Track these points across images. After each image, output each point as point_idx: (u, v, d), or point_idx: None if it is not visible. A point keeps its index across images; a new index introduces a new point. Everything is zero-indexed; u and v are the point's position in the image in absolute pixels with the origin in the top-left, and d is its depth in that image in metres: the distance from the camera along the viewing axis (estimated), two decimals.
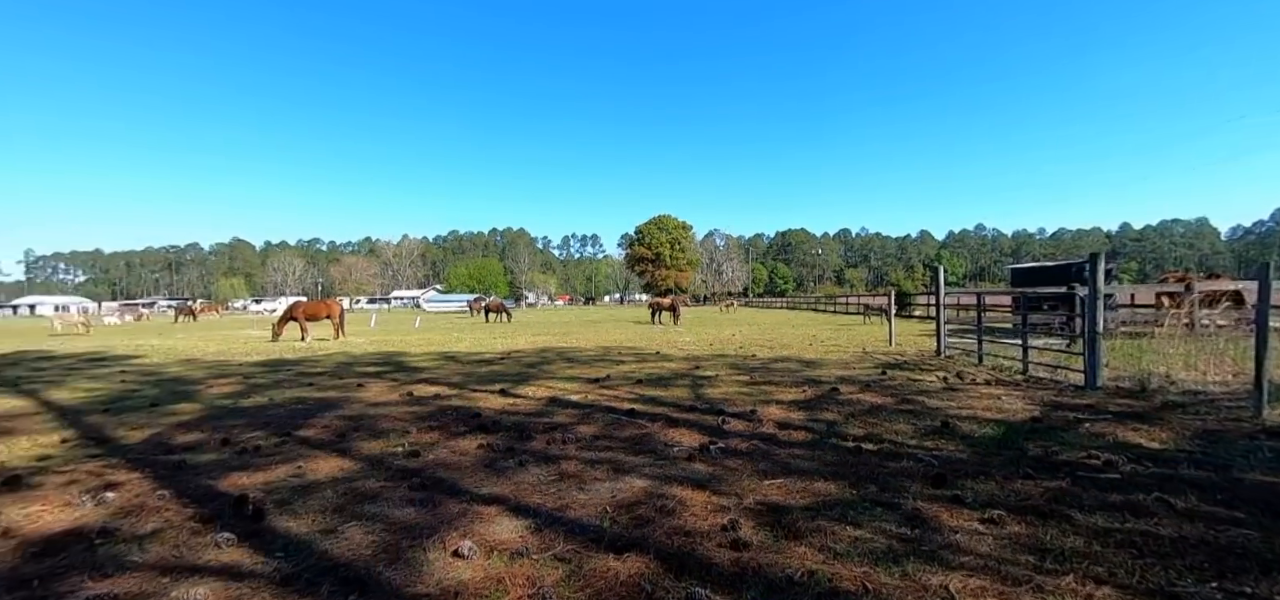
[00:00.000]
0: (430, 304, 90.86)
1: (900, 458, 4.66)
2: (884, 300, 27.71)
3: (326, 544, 3.15)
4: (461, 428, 5.94)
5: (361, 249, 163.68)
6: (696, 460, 4.68)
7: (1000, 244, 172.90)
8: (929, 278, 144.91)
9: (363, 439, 5.54)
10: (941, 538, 3.14)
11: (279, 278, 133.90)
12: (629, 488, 4.02)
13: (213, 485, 4.18)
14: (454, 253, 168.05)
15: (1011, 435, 5.33)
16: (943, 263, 26.58)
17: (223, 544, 3.13)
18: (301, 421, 6.36)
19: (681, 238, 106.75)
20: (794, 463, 4.58)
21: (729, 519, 3.38)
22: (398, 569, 2.86)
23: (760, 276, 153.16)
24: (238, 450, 5.16)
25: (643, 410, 6.68)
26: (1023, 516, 3.40)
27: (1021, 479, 4.07)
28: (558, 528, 3.34)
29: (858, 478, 4.17)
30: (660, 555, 2.97)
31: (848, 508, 3.59)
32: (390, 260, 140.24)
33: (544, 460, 4.72)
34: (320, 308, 20.98)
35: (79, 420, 6.69)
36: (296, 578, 2.76)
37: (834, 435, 5.45)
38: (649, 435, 5.54)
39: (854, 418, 6.19)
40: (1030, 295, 10.42)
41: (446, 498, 3.87)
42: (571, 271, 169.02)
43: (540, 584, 2.69)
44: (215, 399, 8.02)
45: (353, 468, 4.61)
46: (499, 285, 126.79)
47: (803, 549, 3.03)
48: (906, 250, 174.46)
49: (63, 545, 3.18)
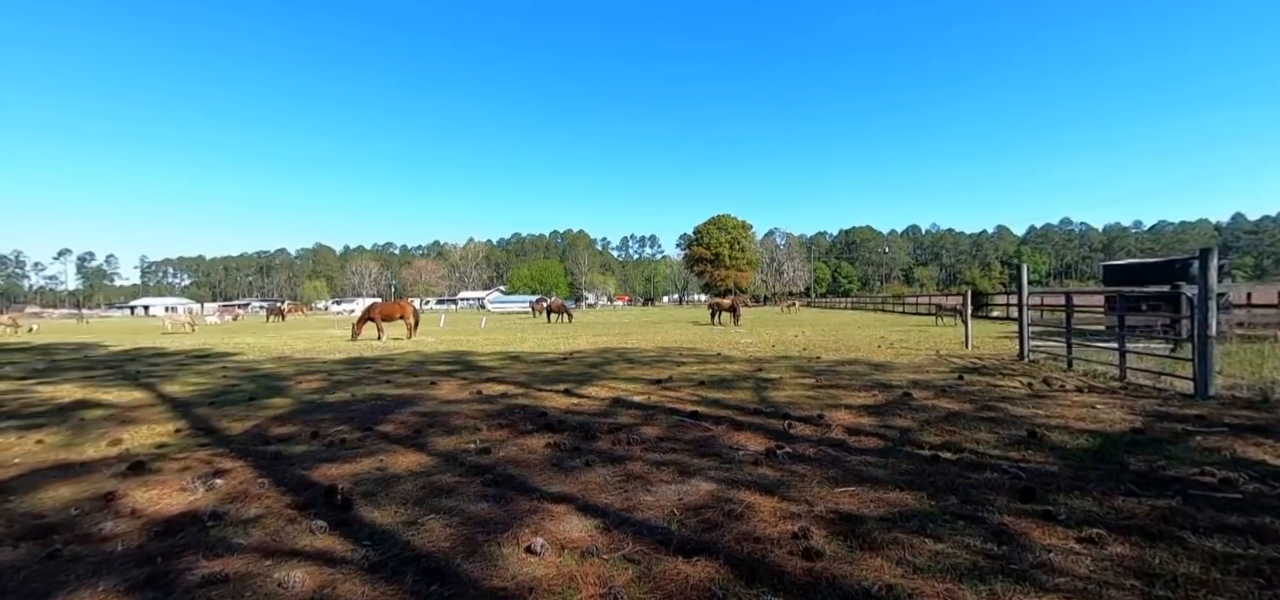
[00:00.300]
0: (494, 305, 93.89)
1: (982, 468, 4.40)
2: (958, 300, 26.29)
3: (408, 535, 3.31)
4: (529, 426, 6.10)
5: (430, 252, 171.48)
6: (763, 465, 4.60)
7: (1089, 239, 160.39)
8: (1008, 276, 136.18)
9: (437, 435, 5.79)
10: (1033, 556, 2.94)
11: (356, 280, 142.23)
12: (695, 490, 4.00)
13: (305, 475, 4.49)
14: (516, 254, 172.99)
15: (1109, 447, 4.92)
16: (1024, 260, 24.53)
17: (317, 531, 3.35)
18: (381, 417, 6.72)
19: (741, 237, 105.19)
20: (866, 470, 4.41)
21: (800, 526, 3.30)
22: (475, 562, 2.97)
23: (823, 276, 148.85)
24: (326, 443, 5.52)
25: (706, 413, 6.63)
26: (1126, 537, 3.14)
27: (1123, 496, 3.75)
28: (626, 528, 3.37)
29: (936, 488, 3.97)
30: (730, 560, 2.93)
31: (926, 520, 3.42)
32: (457, 263, 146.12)
33: (610, 460, 4.77)
34: (395, 309, 22.08)
35: (189, 412, 7.35)
36: (383, 566, 2.92)
37: (908, 443, 5.22)
38: (713, 438, 5.49)
39: (929, 425, 5.90)
40: (1128, 295, 9.57)
41: (517, 494, 3.99)
42: (630, 272, 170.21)
43: (611, 584, 2.72)
44: (304, 394, 8.60)
45: (429, 462, 4.83)
46: (559, 286, 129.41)
47: (879, 561, 2.91)
48: (982, 247, 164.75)
49: (180, 526, 3.50)
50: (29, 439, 5.87)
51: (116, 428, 6.35)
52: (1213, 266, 7.18)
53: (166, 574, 2.86)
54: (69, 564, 3.01)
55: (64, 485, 4.34)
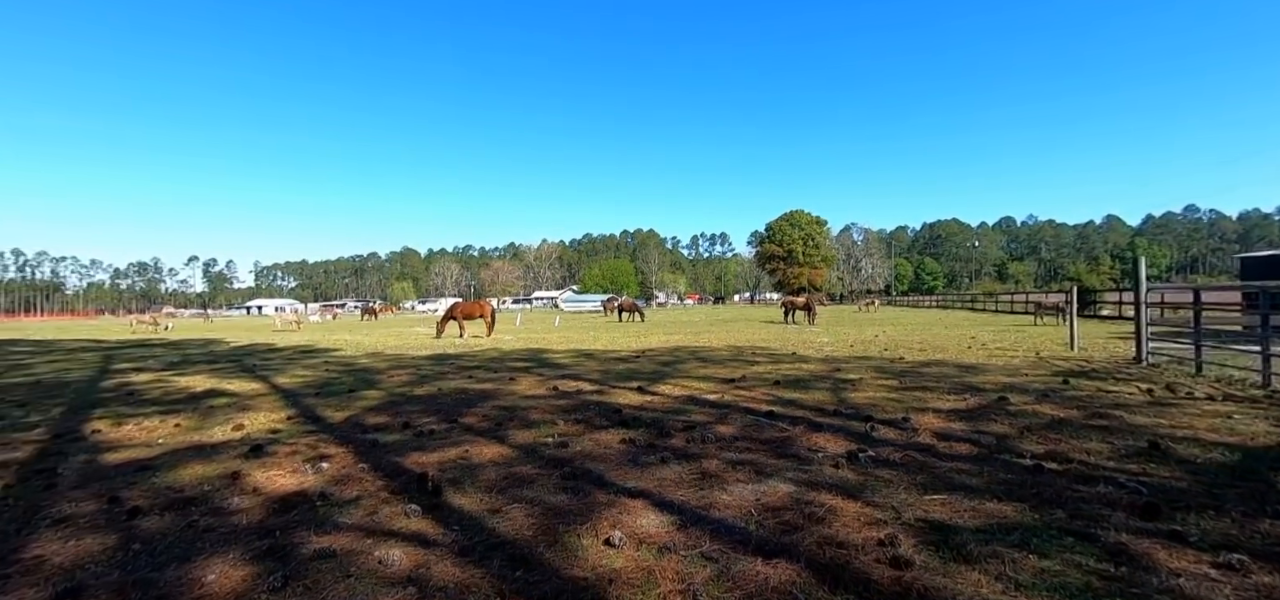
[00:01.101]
0: (567, 304, 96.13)
1: (1094, 482, 4.02)
2: (1061, 298, 24.18)
3: (493, 522, 3.46)
4: (603, 422, 6.20)
5: (506, 253, 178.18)
6: (843, 467, 4.43)
7: (1220, 228, 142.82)
8: (1120, 271, 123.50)
9: (517, 428, 6.01)
10: (1158, 580, 2.65)
11: (439, 281, 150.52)
12: (773, 491, 3.91)
13: (399, 462, 4.79)
14: (588, 254, 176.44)
15: (1251, 463, 4.36)
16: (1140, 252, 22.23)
17: (411, 514, 3.57)
18: (464, 410, 7.05)
19: (815, 233, 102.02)
20: (958, 478, 4.15)
21: (886, 533, 3.15)
22: (556, 551, 3.05)
23: (904, 273, 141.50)
24: (416, 433, 5.86)
25: (781, 413, 6.47)
26: (1275, 565, 2.76)
27: (1270, 519, 3.31)
28: (702, 526, 3.35)
29: (1040, 500, 3.67)
30: (811, 565, 2.84)
31: (1030, 534, 3.17)
32: (531, 263, 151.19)
33: (684, 457, 4.76)
34: (474, 308, 23.13)
35: (298, 401, 8.04)
36: (471, 550, 3.07)
37: (1006, 450, 4.85)
38: (790, 438, 5.35)
39: (1030, 432, 5.46)
40: (1273, 291, 8.40)
41: (594, 488, 4.06)
42: (701, 271, 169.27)
43: (689, 581, 2.71)
44: (395, 387, 9.19)
45: (510, 454, 5.01)
46: (630, 285, 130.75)
47: (976, 575, 2.73)
48: (1088, 239, 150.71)
49: (293, 503, 3.83)
50: (169, 423, 6.63)
51: (238, 414, 7.04)
52: None
53: (284, 547, 3.15)
54: (204, 533, 3.38)
55: (197, 464, 4.87)
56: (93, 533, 3.41)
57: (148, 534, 3.37)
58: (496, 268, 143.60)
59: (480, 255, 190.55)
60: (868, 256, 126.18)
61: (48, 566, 2.99)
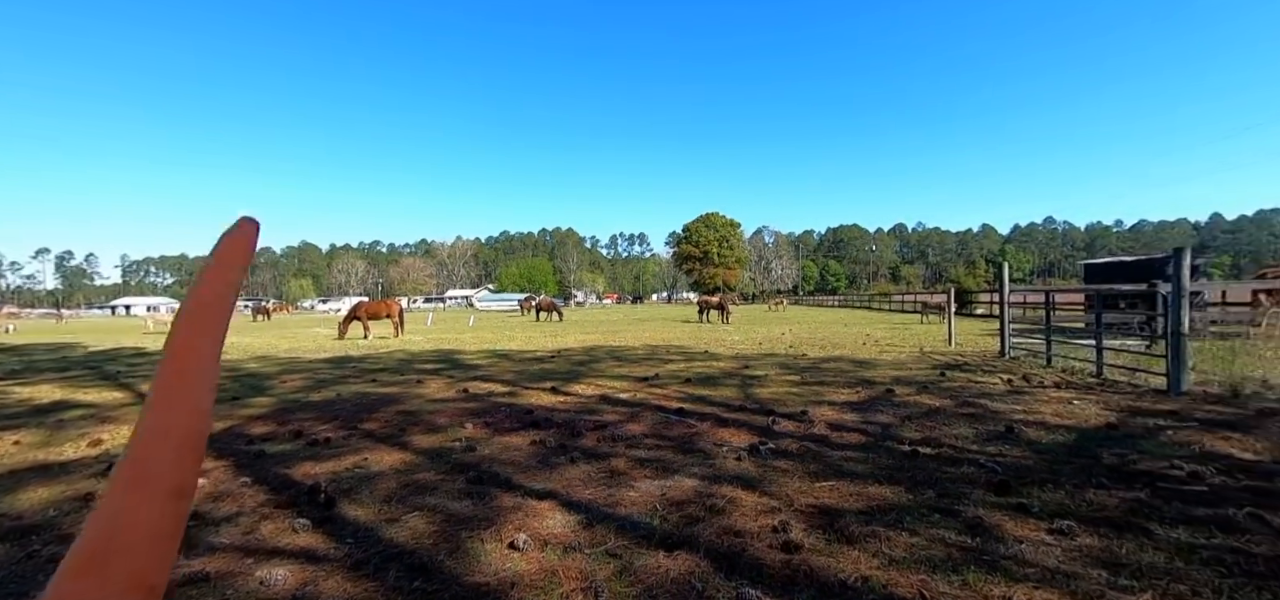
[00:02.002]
0: (483, 303, 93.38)
1: (960, 463, 4.49)
2: (942, 298, 26.59)
3: (391, 532, 3.32)
4: (514, 424, 6.11)
5: (418, 250, 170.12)
6: (746, 460, 4.65)
7: (1072, 237, 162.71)
8: (992, 274, 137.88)
9: (421, 433, 5.78)
10: (1005, 548, 3.01)
11: (343, 278, 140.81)
12: (678, 486, 4.04)
13: (287, 474, 4.47)
14: (505, 253, 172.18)
15: (1084, 442, 5.04)
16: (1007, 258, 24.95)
17: (299, 529, 3.35)
18: (365, 415, 6.69)
19: (729, 235, 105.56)
20: (847, 466, 4.48)
21: (780, 520, 3.35)
22: (457, 558, 2.99)
23: (811, 274, 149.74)
24: (308, 442, 5.49)
25: (691, 409, 6.68)
26: (1095, 528, 3.22)
27: (1095, 489, 3.85)
28: (609, 524, 3.40)
29: (914, 483, 4.05)
30: (710, 554, 2.98)
31: (904, 513, 3.49)
32: (444, 261, 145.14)
33: (594, 457, 4.80)
34: (381, 307, 21.92)
35: None
36: (366, 563, 2.93)
37: (889, 438, 5.30)
38: (698, 434, 5.54)
39: (910, 421, 5.99)
40: (1106, 293, 9.77)
41: (501, 491, 4.00)
42: (619, 270, 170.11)
43: (592, 578, 2.75)
44: (287, 393, 8.53)
45: (413, 460, 4.82)
46: (548, 284, 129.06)
47: (856, 554, 2.97)
48: (967, 245, 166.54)
49: None
50: (5, 440, 5.78)
51: (96, 428, 6.27)
52: (1186, 265, 7.36)
53: None
54: (47, 564, 2.99)
55: (42, 486, 4.29)
56: None
57: None
58: (407, 265, 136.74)
59: (389, 251, 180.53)
60: (778, 258, 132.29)
61: None
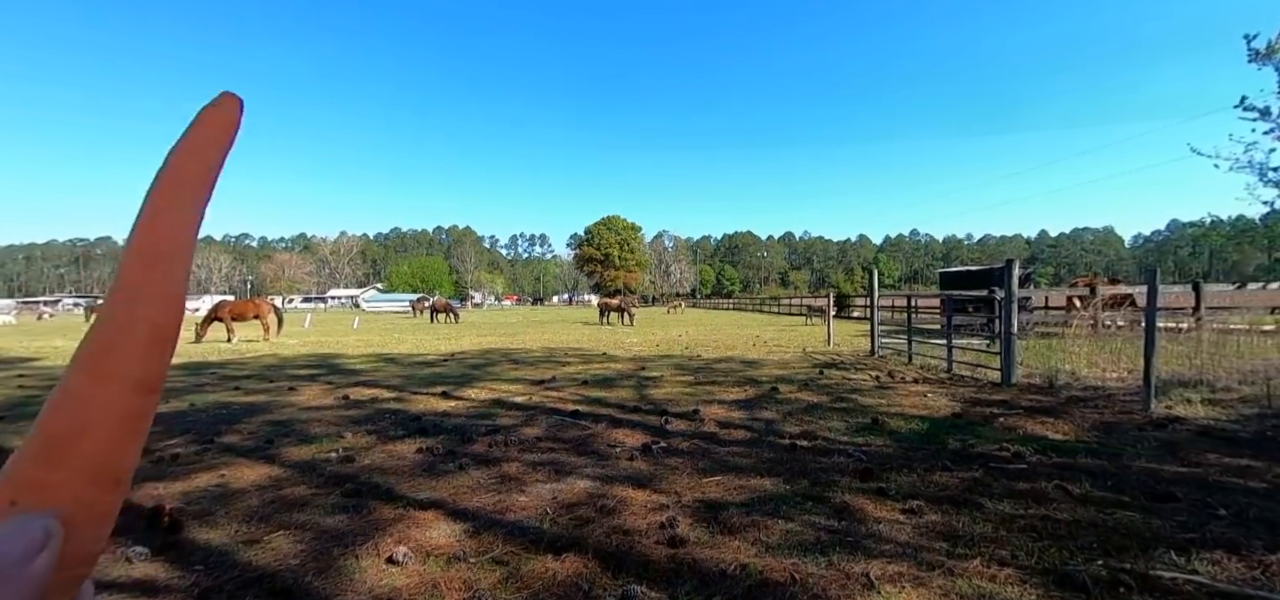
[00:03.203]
0: (370, 303, 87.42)
1: (832, 454, 4.88)
2: (824, 302, 28.75)
3: (250, 554, 3.02)
4: (400, 432, 5.79)
5: (295, 245, 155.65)
6: (639, 460, 4.75)
7: (933, 248, 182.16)
8: (866, 281, 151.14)
9: (292, 445, 5.31)
10: (866, 528, 3.32)
11: (203, 275, 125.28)
12: (571, 489, 4.04)
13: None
14: (396, 250, 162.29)
15: (934, 430, 5.67)
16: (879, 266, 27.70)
17: (135, 558, 2.94)
18: (225, 427, 6.02)
19: (631, 239, 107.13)
20: (733, 460, 4.71)
21: (668, 517, 3.46)
22: (327, 577, 2.78)
23: (708, 278, 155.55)
24: (154, 460, 4.84)
25: (587, 411, 6.70)
26: (939, 506, 3.65)
27: (941, 471, 4.35)
28: (497, 530, 3.33)
29: (792, 473, 4.34)
30: (599, 554, 3.01)
31: (781, 502, 3.74)
32: (327, 258, 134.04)
33: (485, 463, 4.67)
34: (248, 307, 19.85)
35: None
36: (217, 591, 2.64)
37: (772, 433, 5.64)
38: (593, 436, 5.57)
39: (791, 416, 6.42)
40: (955, 298, 11.14)
41: (381, 503, 3.78)
42: (519, 271, 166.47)
43: (476, 587, 2.68)
44: None
45: (281, 474, 4.42)
46: (444, 284, 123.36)
47: (737, 543, 3.14)
48: (847, 253, 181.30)
49: None
50: None
51: None
52: (1015, 275, 8.53)
53: None
54: None
55: None
56: None
57: None
58: (282, 261, 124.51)
59: (261, 246, 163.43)
60: (676, 262, 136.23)
61: None
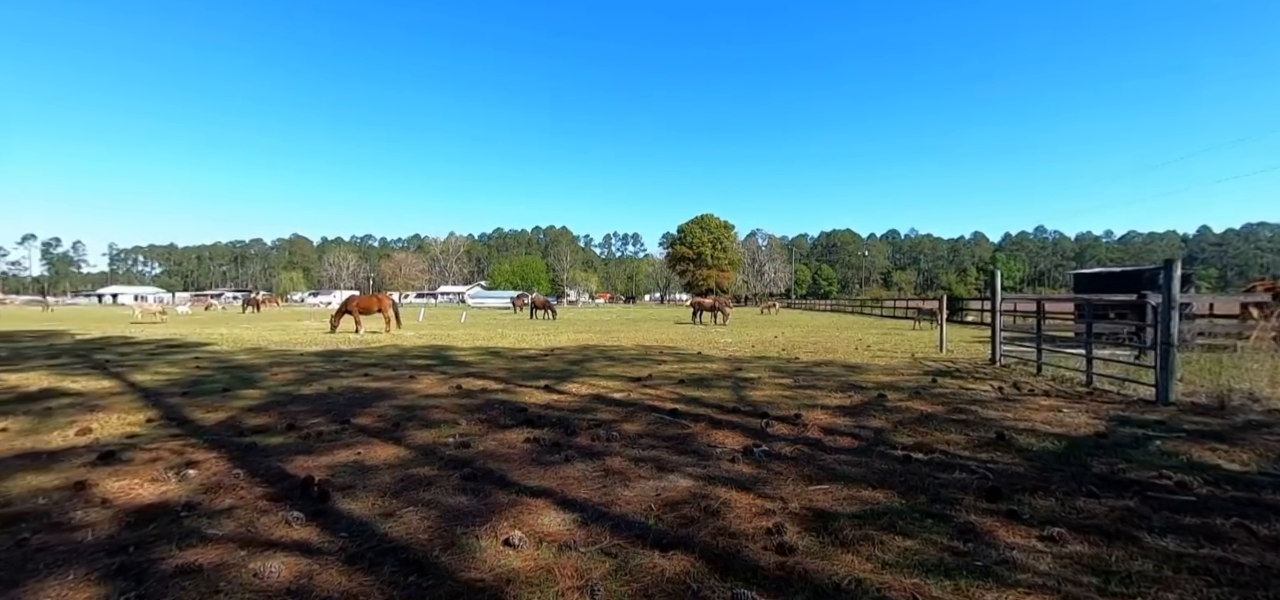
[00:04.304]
0: (475, 299, 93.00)
1: (952, 468, 4.53)
2: (934, 304, 26.82)
3: (386, 527, 3.31)
4: (508, 421, 6.11)
5: (410, 245, 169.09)
6: (740, 462, 4.68)
7: (1062, 247, 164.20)
8: (983, 282, 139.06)
9: (415, 428, 5.77)
10: (996, 553, 3.05)
11: (334, 272, 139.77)
12: (673, 487, 4.05)
13: (281, 467, 4.44)
14: (498, 250, 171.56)
15: (1073, 450, 5.10)
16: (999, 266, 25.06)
17: (293, 522, 3.33)
18: (358, 410, 6.66)
19: (723, 237, 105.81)
20: (840, 469, 4.51)
21: (774, 522, 3.37)
22: (453, 554, 2.99)
23: (803, 277, 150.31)
24: (302, 435, 5.46)
25: (685, 410, 6.70)
26: (1085, 536, 3.27)
27: (1084, 497, 3.90)
28: (604, 523, 3.41)
29: (907, 487, 4.08)
30: (705, 555, 2.99)
31: (897, 517, 3.52)
32: (437, 256, 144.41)
33: (589, 456, 4.81)
34: (372, 301, 21.81)
35: (161, 401, 7.20)
36: (361, 557, 2.92)
37: (882, 443, 5.34)
38: (692, 435, 5.56)
39: (902, 426, 6.04)
40: (1095, 303, 9.91)
41: (495, 488, 4.00)
42: (612, 270, 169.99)
43: (588, 576, 2.76)
44: (279, 386, 8.48)
45: (407, 455, 4.81)
46: (541, 282, 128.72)
47: (850, 557, 3.00)
48: (959, 253, 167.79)
49: (153, 516, 3.45)
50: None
51: (85, 416, 6.20)
52: (1176, 277, 7.45)
53: (139, 564, 2.83)
54: (37, 553, 2.96)
55: (31, 474, 4.24)
56: None
57: None
58: (399, 260, 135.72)
59: (381, 246, 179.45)
60: (771, 261, 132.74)
61: None
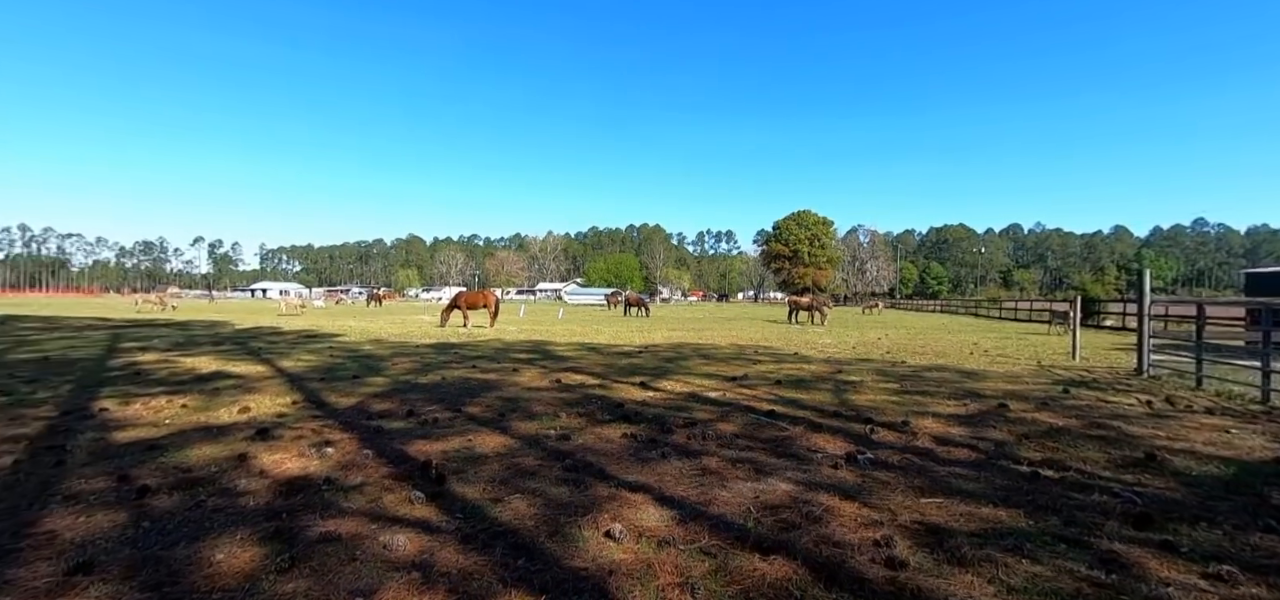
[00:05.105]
0: (571, 296, 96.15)
1: (1089, 490, 4.06)
2: (1066, 306, 24.14)
3: (496, 511, 3.52)
4: (605, 416, 6.26)
5: (512, 244, 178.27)
6: (842, 468, 4.48)
7: (1227, 242, 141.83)
8: (1126, 282, 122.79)
9: (519, 419, 6.07)
10: (1148, 588, 2.69)
11: (444, 269, 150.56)
12: (772, 490, 3.96)
13: (403, 449, 4.86)
14: (593, 247, 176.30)
15: (1245, 477, 4.39)
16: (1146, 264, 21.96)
17: (415, 501, 3.64)
18: (468, 400, 7.12)
19: (821, 234, 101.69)
20: (955, 483, 4.19)
21: (882, 534, 3.20)
22: (557, 541, 3.11)
23: (909, 276, 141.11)
24: (420, 421, 5.93)
25: (782, 412, 6.52)
26: (1264, 577, 2.80)
27: (1261, 532, 3.35)
28: (702, 521, 3.41)
29: (1035, 507, 3.71)
30: (808, 562, 2.90)
31: (1023, 538, 3.22)
32: (536, 254, 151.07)
33: (685, 454, 4.82)
34: (479, 297, 23.19)
35: (303, 385, 8.12)
36: (474, 538, 3.13)
37: (1004, 456, 4.90)
38: (790, 438, 5.40)
39: (1028, 439, 5.50)
40: (1276, 308, 8.41)
41: (595, 480, 4.12)
42: (705, 268, 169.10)
43: (687, 574, 2.77)
44: (399, 375, 9.27)
45: (512, 444, 5.08)
46: (634, 280, 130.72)
47: (969, 578, 2.78)
48: (1095, 249, 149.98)
49: (299, 487, 3.90)
50: (175, 403, 6.71)
51: (244, 397, 7.13)
52: None
53: (290, 529, 3.21)
54: (212, 513, 3.45)
55: (205, 444, 4.95)
56: (103, 510, 3.49)
57: (157, 512, 3.44)
58: (501, 258, 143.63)
59: (485, 244, 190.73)
60: (873, 259, 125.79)
61: (60, 541, 3.06)
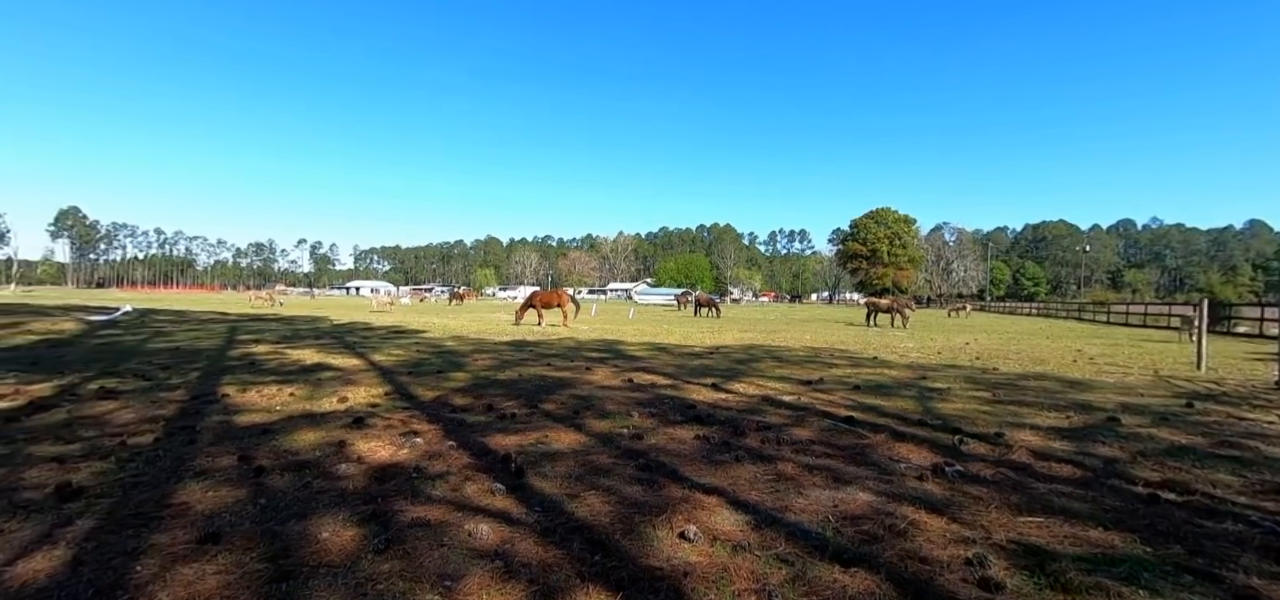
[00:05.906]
0: (641, 296, 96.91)
1: (1221, 517, 3.62)
2: (1192, 310, 21.66)
3: (572, 507, 3.61)
4: (678, 417, 6.26)
5: (583, 245, 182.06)
6: (928, 481, 4.24)
7: None
8: (1264, 283, 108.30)
9: (592, 417, 6.18)
10: None
11: (519, 269, 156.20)
12: (852, 500, 3.82)
13: (484, 442, 5.08)
14: (663, 248, 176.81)
15: None
16: None
17: (496, 493, 3.79)
18: (543, 396, 7.34)
19: (902, 232, 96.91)
20: (1057, 501, 3.86)
21: (974, 553, 3.00)
22: (632, 540, 3.15)
23: (1001, 277, 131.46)
24: (499, 415, 6.18)
25: (862, 419, 6.26)
26: None
27: None
28: (777, 528, 3.33)
29: (1154, 533, 3.36)
30: (892, 577, 2.77)
31: (1140, 567, 2.92)
32: (607, 255, 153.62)
33: (758, 458, 4.73)
34: (552, 297, 23.87)
35: (393, 378, 8.67)
36: (552, 531, 3.22)
37: (1115, 475, 4.46)
38: (870, 446, 5.18)
39: (1144, 457, 4.98)
40: None
41: (668, 481, 4.13)
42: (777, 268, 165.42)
43: (764, 581, 2.72)
44: (479, 370, 9.69)
45: (587, 442, 5.18)
46: (705, 280, 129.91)
47: None
48: (1224, 246, 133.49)
49: (391, 474, 4.17)
50: (285, 391, 7.36)
51: (342, 387, 7.70)
52: None
53: (385, 513, 3.44)
54: (317, 494, 3.75)
55: (310, 431, 5.39)
56: (227, 485, 3.88)
57: (271, 490, 3.79)
58: (573, 258, 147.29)
59: (558, 245, 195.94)
60: (960, 258, 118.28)
61: (192, 512, 3.44)
